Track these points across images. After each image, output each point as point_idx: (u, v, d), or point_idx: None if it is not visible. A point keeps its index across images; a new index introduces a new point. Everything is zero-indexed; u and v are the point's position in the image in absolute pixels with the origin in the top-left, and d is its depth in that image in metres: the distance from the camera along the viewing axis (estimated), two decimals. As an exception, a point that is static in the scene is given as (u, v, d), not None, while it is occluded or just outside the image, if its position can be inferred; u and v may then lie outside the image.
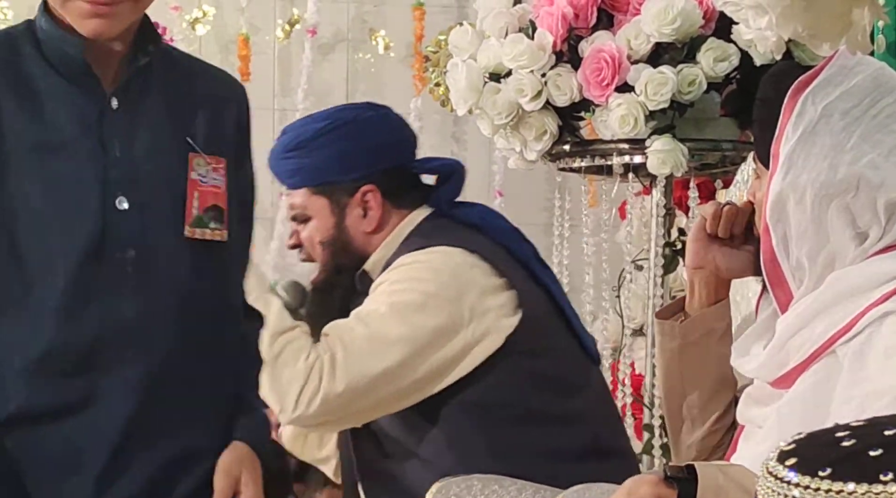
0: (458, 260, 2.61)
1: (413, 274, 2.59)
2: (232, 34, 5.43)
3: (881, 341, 1.80)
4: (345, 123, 2.73)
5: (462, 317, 2.58)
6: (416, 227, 2.70)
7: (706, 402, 2.12)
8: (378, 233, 2.70)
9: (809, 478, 1.07)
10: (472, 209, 2.78)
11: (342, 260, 2.71)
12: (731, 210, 2.11)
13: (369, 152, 2.71)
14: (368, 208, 2.70)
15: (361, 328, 2.55)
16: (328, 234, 2.71)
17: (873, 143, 1.88)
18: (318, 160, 2.70)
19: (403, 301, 2.57)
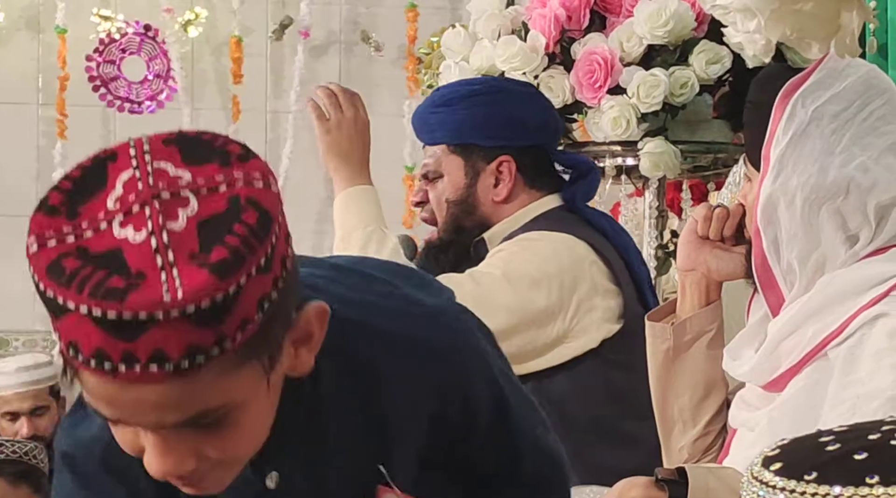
0: (581, 252, 2.62)
1: (536, 249, 2.59)
2: (224, 36, 5.43)
3: (872, 344, 1.80)
4: (497, 91, 2.75)
5: (569, 306, 2.58)
6: (545, 212, 2.70)
7: (697, 404, 2.12)
8: (506, 204, 2.70)
9: (795, 482, 1.07)
10: (602, 216, 2.80)
11: (465, 222, 2.71)
12: (723, 212, 2.11)
13: (515, 125, 2.72)
14: (501, 178, 2.70)
15: (471, 285, 2.53)
16: (457, 194, 2.71)
17: (863, 145, 1.88)
18: (463, 119, 2.70)
19: (519, 272, 2.56)
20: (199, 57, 5.49)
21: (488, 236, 2.71)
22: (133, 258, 1.19)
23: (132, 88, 5.44)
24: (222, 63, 5.46)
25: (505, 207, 2.71)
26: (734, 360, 1.97)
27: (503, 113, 2.72)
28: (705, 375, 2.11)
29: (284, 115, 5.47)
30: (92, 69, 5.40)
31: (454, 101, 2.72)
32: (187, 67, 5.44)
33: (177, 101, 5.40)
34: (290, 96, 5.41)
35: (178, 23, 5.38)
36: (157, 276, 1.18)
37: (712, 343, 2.11)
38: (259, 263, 1.22)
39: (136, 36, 5.43)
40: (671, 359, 2.13)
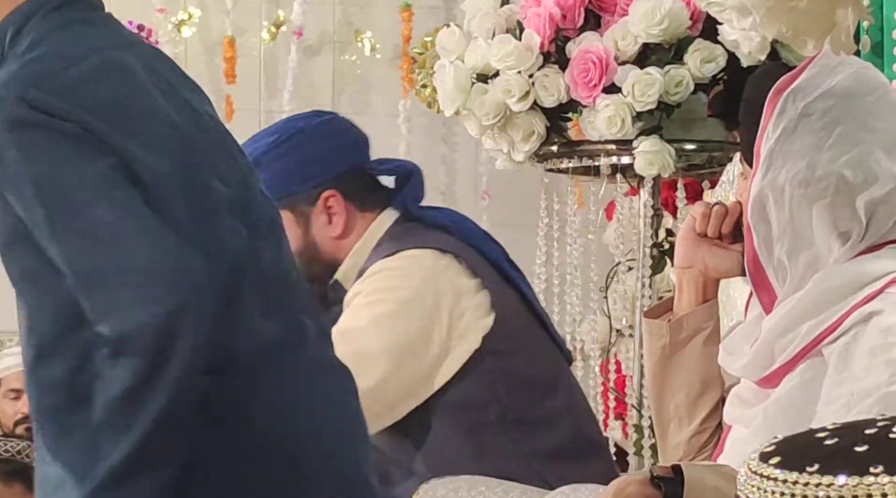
0: (430, 262, 2.60)
1: (387, 283, 2.58)
2: (217, 36, 5.43)
3: (866, 341, 1.80)
4: (294, 133, 2.71)
5: (441, 320, 2.57)
6: (386, 232, 2.68)
7: (693, 401, 2.12)
8: (346, 238, 2.69)
9: (797, 473, 1.07)
10: (439, 212, 2.78)
11: (314, 270, 2.67)
12: (720, 210, 2.11)
13: (323, 158, 2.70)
14: (332, 213, 2.68)
15: (344, 347, 2.53)
16: (298, 246, 2.66)
17: (853, 141, 1.88)
18: (273, 174, 2.65)
19: (380, 312, 2.56)
20: (192, 57, 5.48)
21: (341, 276, 2.70)
22: None
23: (126, 88, 5.43)
24: (216, 63, 5.45)
25: (346, 241, 2.69)
26: (730, 355, 1.97)
27: (308, 153, 2.69)
28: (701, 373, 2.11)
29: (278, 114, 5.45)
30: (85, 69, 5.40)
31: (257, 160, 2.64)
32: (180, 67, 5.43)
33: (171, 102, 5.39)
34: (283, 96, 5.40)
35: (171, 23, 5.37)
36: None
37: (708, 340, 2.11)
38: None
39: (130, 36, 5.43)
40: (667, 356, 2.13)
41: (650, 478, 1.79)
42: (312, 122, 2.75)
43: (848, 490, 1.05)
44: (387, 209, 2.72)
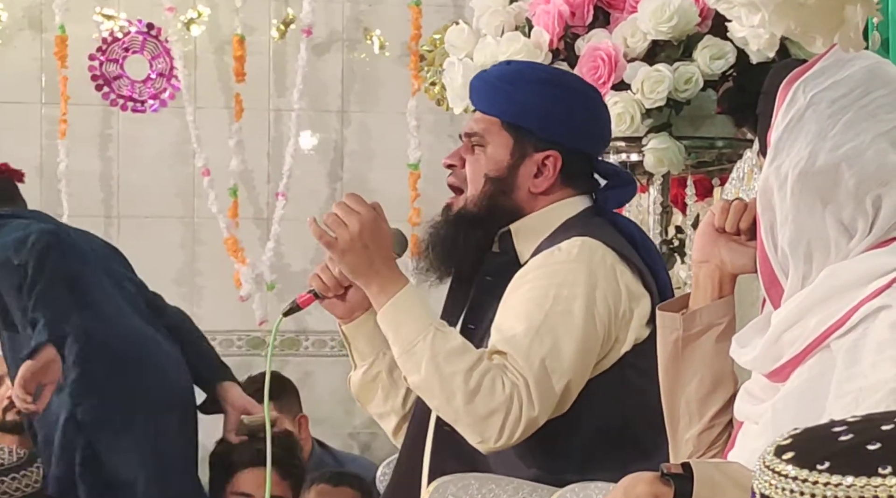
0: (610, 261, 2.59)
1: (572, 275, 2.55)
2: (227, 35, 5.43)
3: (875, 336, 1.80)
4: (569, 88, 2.73)
5: (616, 320, 2.57)
6: (575, 215, 2.68)
7: (704, 397, 2.12)
8: (541, 197, 2.67)
9: (808, 471, 1.07)
10: (629, 222, 2.77)
11: (498, 201, 2.67)
12: (739, 205, 2.11)
13: (573, 125, 2.70)
14: (544, 171, 2.67)
15: (539, 347, 2.51)
16: (499, 171, 2.67)
17: (857, 131, 1.87)
18: (527, 102, 2.67)
19: (569, 308, 2.54)
20: (201, 55, 5.49)
21: (515, 229, 2.68)
22: None
23: (135, 87, 5.44)
24: (225, 61, 5.45)
25: (539, 199, 2.68)
26: (741, 348, 1.97)
27: (566, 111, 2.69)
28: (713, 368, 2.11)
29: (287, 113, 5.46)
30: (95, 68, 5.41)
31: (522, 81, 2.69)
32: (190, 66, 5.44)
33: (180, 100, 5.40)
34: (293, 94, 5.41)
35: (180, 21, 5.38)
36: None
37: (722, 336, 2.10)
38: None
39: (139, 35, 5.43)
40: (679, 349, 2.12)
41: (660, 475, 1.79)
42: (587, 91, 2.78)
43: (855, 490, 1.05)
44: (585, 195, 2.72)
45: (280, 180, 5.41)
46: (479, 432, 2.48)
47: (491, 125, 2.69)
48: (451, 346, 2.49)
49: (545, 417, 2.51)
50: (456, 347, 2.50)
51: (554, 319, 2.53)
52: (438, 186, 5.56)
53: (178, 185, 5.48)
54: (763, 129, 2.01)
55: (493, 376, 2.48)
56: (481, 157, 2.69)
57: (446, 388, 2.47)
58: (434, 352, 2.48)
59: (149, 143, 5.45)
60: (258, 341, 5.50)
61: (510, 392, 2.47)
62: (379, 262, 2.56)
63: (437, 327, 2.51)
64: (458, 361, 2.47)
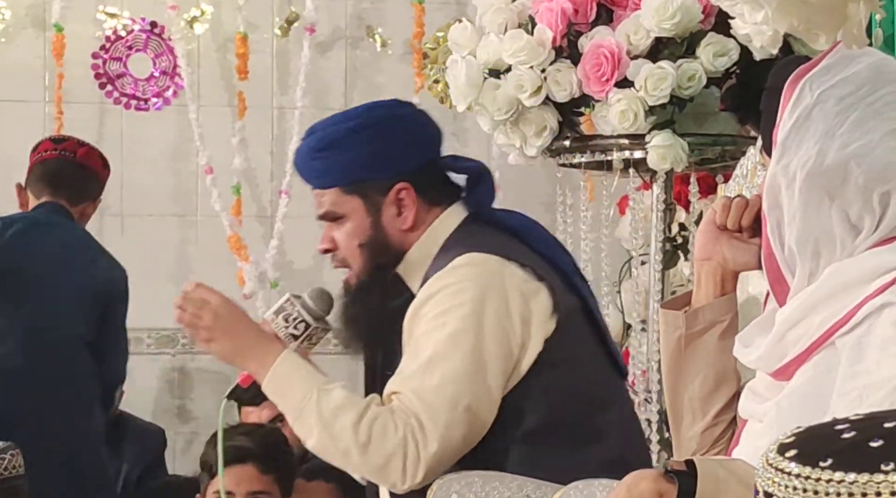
0: (495, 268, 2.57)
1: (456, 299, 2.54)
2: (230, 32, 5.44)
3: (879, 333, 1.80)
4: (376, 122, 2.69)
5: (514, 327, 2.54)
6: (454, 231, 2.66)
7: (707, 395, 2.12)
8: (414, 231, 2.66)
9: (811, 468, 1.07)
10: (511, 215, 2.75)
11: (381, 260, 2.67)
12: (741, 202, 2.10)
13: (401, 149, 2.68)
14: (403, 206, 2.66)
15: (429, 379, 2.50)
16: (366, 235, 2.67)
17: (866, 129, 1.87)
18: (350, 159, 2.65)
19: (456, 332, 2.52)
20: (205, 53, 5.49)
21: (403, 270, 2.67)
22: None
23: (139, 85, 5.44)
24: (228, 59, 5.46)
25: (414, 234, 2.67)
26: (745, 347, 1.97)
27: (387, 142, 2.67)
28: (716, 366, 2.11)
29: (291, 111, 5.47)
30: (98, 66, 5.41)
31: (335, 142, 2.66)
32: (193, 64, 5.44)
33: (183, 98, 5.41)
34: (296, 92, 5.41)
35: (183, 19, 5.38)
36: None
37: (725, 334, 2.10)
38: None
39: (142, 33, 5.44)
40: (682, 347, 2.12)
41: (664, 472, 1.79)
42: (395, 111, 2.74)
43: (857, 487, 1.05)
44: (455, 205, 2.70)
45: (283, 178, 5.41)
46: (384, 479, 2.51)
47: (334, 197, 2.68)
48: (335, 403, 2.51)
49: (453, 448, 2.50)
50: (340, 402, 2.51)
51: (443, 347, 2.51)
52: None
53: (181, 183, 5.48)
54: (766, 127, 2.00)
55: (382, 422, 2.48)
56: (345, 231, 2.68)
57: (340, 445, 2.49)
58: (320, 412, 2.50)
59: (152, 142, 5.46)
60: (262, 339, 5.51)
61: (403, 434, 2.47)
62: (245, 341, 2.61)
63: (319, 388, 2.53)
64: (345, 416, 2.48)
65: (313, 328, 2.68)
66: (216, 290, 2.67)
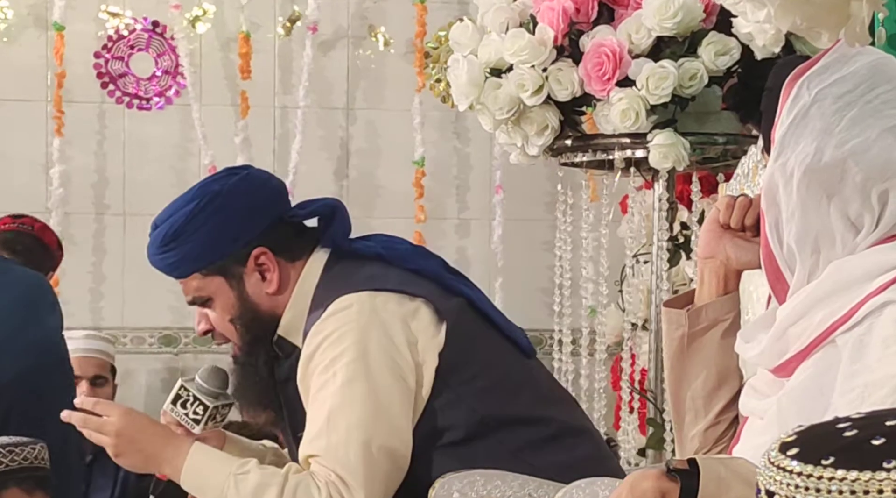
0: (367, 305, 2.57)
1: (338, 348, 2.55)
2: (232, 32, 5.44)
3: (880, 331, 1.80)
4: (212, 198, 2.66)
5: (403, 355, 2.55)
6: (320, 278, 2.66)
7: (710, 393, 2.12)
8: (283, 292, 2.66)
9: (812, 466, 1.07)
10: (370, 241, 2.74)
11: (256, 330, 2.67)
12: (744, 201, 2.11)
13: (246, 217, 2.66)
14: (265, 270, 2.66)
15: (335, 434, 2.53)
16: (235, 310, 2.67)
17: (863, 127, 1.87)
18: (199, 244, 2.64)
19: (347, 381, 2.53)
20: (207, 53, 5.49)
21: (284, 330, 2.68)
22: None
23: (141, 85, 5.44)
24: (231, 59, 5.46)
25: (283, 295, 2.67)
26: (746, 343, 1.97)
27: (229, 216, 2.66)
28: (719, 364, 2.11)
29: (293, 110, 5.47)
30: (100, 66, 5.41)
31: (179, 232, 2.65)
32: (196, 63, 5.44)
33: (185, 98, 5.41)
34: (298, 92, 5.41)
35: (186, 19, 5.38)
36: None
37: (727, 332, 2.10)
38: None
39: (145, 32, 5.44)
40: (685, 346, 2.13)
41: (666, 471, 1.79)
42: (229, 182, 2.69)
43: (860, 485, 1.05)
44: (316, 252, 2.69)
45: (286, 177, 5.41)
46: None
47: (197, 283, 2.68)
48: (252, 485, 2.52)
49: (381, 490, 2.52)
50: (258, 482, 2.53)
51: (339, 399, 2.53)
52: (443, 183, 5.58)
53: (184, 183, 5.48)
54: (766, 126, 2.01)
55: (305, 488, 2.50)
56: (216, 310, 2.69)
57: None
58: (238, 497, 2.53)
59: (154, 141, 5.46)
60: (264, 338, 5.51)
61: (327, 493, 2.49)
62: (151, 449, 2.62)
63: (234, 474, 2.54)
64: (267, 494, 2.50)
65: (212, 408, 2.69)
66: (114, 405, 2.69)
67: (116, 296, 5.32)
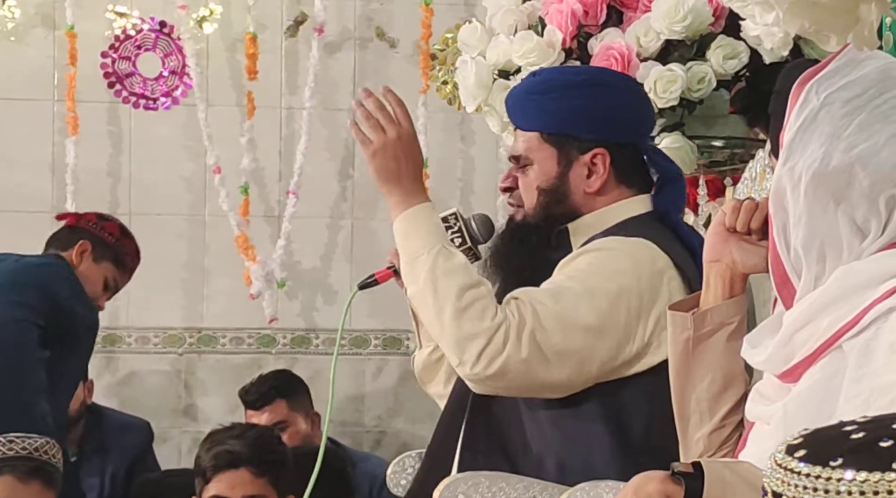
0: (661, 265, 2.57)
1: (617, 260, 2.55)
2: (239, 32, 5.44)
3: (887, 337, 1.80)
4: (602, 85, 2.71)
5: (648, 321, 2.54)
6: (634, 217, 2.66)
7: (715, 396, 2.12)
8: (598, 197, 2.66)
9: (821, 468, 1.07)
10: (694, 234, 2.74)
11: (555, 209, 2.67)
12: (750, 205, 2.11)
13: (613, 119, 2.68)
14: (595, 170, 2.66)
15: (553, 303, 2.50)
16: (549, 182, 2.67)
17: (871, 132, 1.86)
18: (563, 109, 2.66)
19: (600, 288, 2.52)
20: (213, 53, 5.49)
21: (573, 227, 2.67)
22: None
23: (147, 85, 5.44)
24: (237, 59, 5.46)
25: (597, 199, 2.67)
26: (753, 348, 1.97)
27: (603, 106, 2.68)
28: (724, 368, 2.11)
29: (299, 111, 5.47)
30: (107, 66, 5.41)
31: (554, 89, 2.68)
32: (202, 64, 5.45)
33: (192, 98, 5.41)
34: (304, 93, 5.41)
35: (192, 19, 5.39)
36: None
37: (733, 336, 2.10)
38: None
39: (152, 32, 5.44)
40: (690, 349, 2.12)
41: (671, 474, 1.79)
42: (619, 81, 2.77)
43: (869, 486, 1.05)
44: (644, 195, 2.69)
45: (291, 178, 5.41)
46: (459, 353, 2.47)
47: (532, 141, 2.69)
48: (453, 264, 2.51)
49: (536, 368, 2.48)
50: (458, 265, 2.52)
51: (579, 288, 2.52)
52: (448, 185, 5.57)
53: (189, 183, 5.49)
54: (775, 130, 2.00)
55: (485, 303, 2.48)
56: (531, 174, 2.69)
57: (438, 299, 2.48)
58: (434, 264, 2.50)
59: (160, 141, 5.46)
60: (268, 339, 5.51)
61: (499, 322, 2.47)
62: (406, 174, 2.59)
63: (444, 245, 2.53)
64: (457, 277, 2.48)
65: (465, 248, 2.68)
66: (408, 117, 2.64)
67: (122, 295, 5.32)
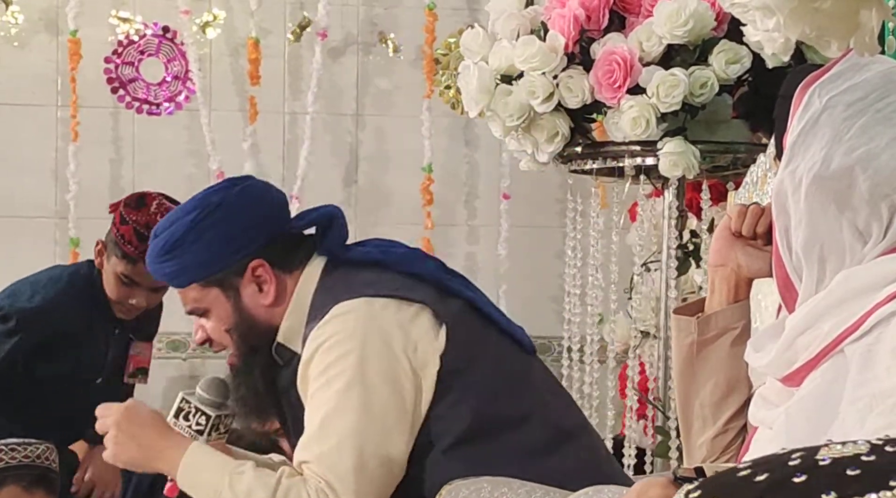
0: (365, 311, 2.57)
1: (334, 354, 2.55)
2: (242, 37, 5.44)
3: (889, 341, 1.79)
4: (213, 210, 2.67)
5: (400, 362, 2.55)
6: (317, 286, 2.67)
7: (718, 401, 2.12)
8: (280, 304, 2.68)
9: None
10: (366, 246, 2.75)
11: (253, 340, 2.69)
12: (756, 209, 2.11)
13: (247, 229, 2.68)
14: (262, 282, 2.67)
15: (327, 441, 2.54)
16: (231, 321, 2.69)
17: (872, 135, 1.86)
18: (198, 255, 2.66)
19: (343, 387, 2.54)
20: (217, 58, 5.50)
21: (283, 338, 2.69)
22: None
23: (150, 90, 5.45)
24: (240, 64, 5.46)
25: (280, 306, 2.68)
26: (756, 352, 1.97)
27: (229, 228, 2.67)
28: (728, 372, 2.11)
29: (302, 116, 5.47)
30: (110, 71, 5.42)
31: (179, 242, 2.66)
32: (205, 69, 5.45)
33: (195, 103, 5.42)
34: (307, 98, 5.42)
35: (196, 24, 5.39)
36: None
37: (737, 341, 2.10)
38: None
39: (155, 38, 5.45)
40: (694, 353, 2.12)
41: (673, 479, 1.79)
42: (230, 194, 2.69)
43: None
44: (313, 260, 2.70)
45: (294, 183, 5.41)
46: None
47: (195, 293, 2.70)
48: (247, 485, 2.54)
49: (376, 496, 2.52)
50: (252, 483, 2.54)
51: (333, 405, 2.54)
52: (452, 190, 5.57)
53: (192, 188, 5.47)
54: (779, 134, 2.01)
55: (296, 493, 2.51)
56: (213, 320, 2.71)
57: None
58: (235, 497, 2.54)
59: (163, 146, 5.46)
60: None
61: (318, 491, 2.50)
62: (151, 444, 2.65)
63: (230, 473, 2.56)
64: (258, 495, 2.51)
65: (215, 418, 2.70)
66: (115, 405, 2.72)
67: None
